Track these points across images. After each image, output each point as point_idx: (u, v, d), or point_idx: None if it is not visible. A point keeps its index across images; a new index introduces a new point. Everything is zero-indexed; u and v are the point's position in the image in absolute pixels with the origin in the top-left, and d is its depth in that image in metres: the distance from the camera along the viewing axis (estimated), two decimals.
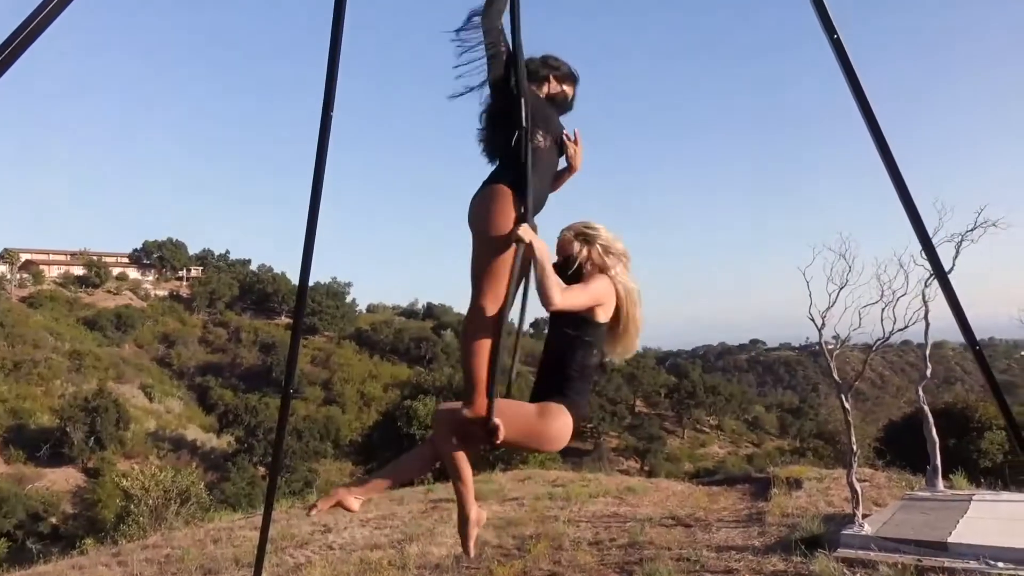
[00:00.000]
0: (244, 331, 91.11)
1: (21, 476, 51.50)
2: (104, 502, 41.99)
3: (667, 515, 10.33)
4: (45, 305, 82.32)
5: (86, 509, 46.57)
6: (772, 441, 79.59)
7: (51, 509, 47.73)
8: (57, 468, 54.84)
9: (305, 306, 5.33)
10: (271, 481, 5.31)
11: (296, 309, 5.32)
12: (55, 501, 48.80)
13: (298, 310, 5.23)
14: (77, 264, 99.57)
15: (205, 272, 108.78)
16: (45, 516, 46.69)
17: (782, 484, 12.00)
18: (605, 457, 59.14)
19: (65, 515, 48.04)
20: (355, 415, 69.61)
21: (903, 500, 9.50)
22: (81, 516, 45.48)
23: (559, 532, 9.30)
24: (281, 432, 4.71)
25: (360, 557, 8.66)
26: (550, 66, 3.75)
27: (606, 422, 72.42)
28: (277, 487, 5.59)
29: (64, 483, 53.71)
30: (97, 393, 59.07)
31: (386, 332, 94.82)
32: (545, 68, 3.73)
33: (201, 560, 9.26)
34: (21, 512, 44.07)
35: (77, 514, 47.42)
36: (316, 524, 11.02)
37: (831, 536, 7.98)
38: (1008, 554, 6.86)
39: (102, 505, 41.92)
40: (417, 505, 12.35)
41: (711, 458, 69.97)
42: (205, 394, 77.93)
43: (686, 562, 7.78)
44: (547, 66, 3.74)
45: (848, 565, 7.16)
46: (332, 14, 4.11)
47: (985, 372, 4.21)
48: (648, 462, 62.44)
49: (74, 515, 47.63)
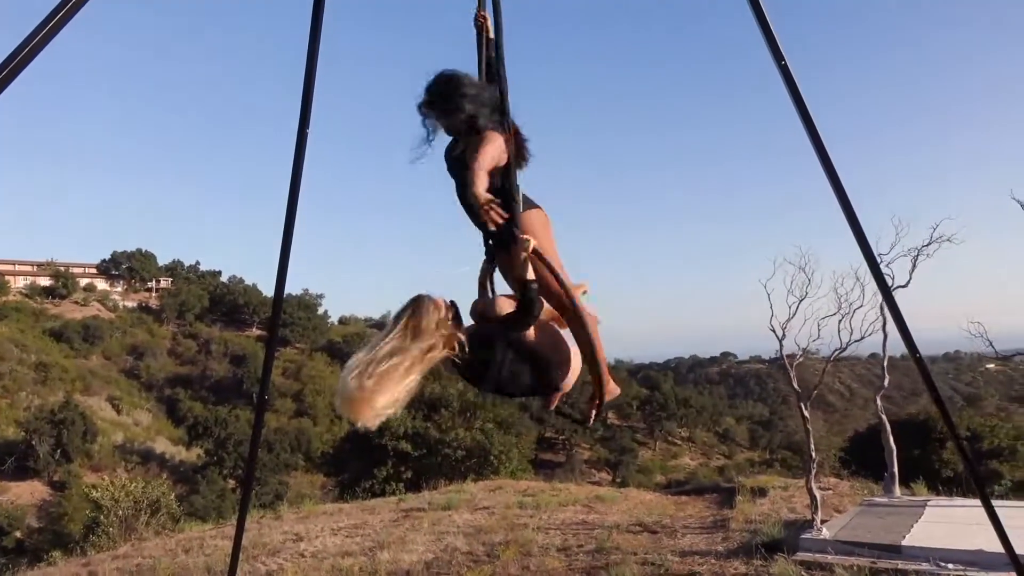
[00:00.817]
0: (214, 343, 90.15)
1: None
2: (71, 515, 41.36)
3: (634, 522, 10.54)
4: (10, 316, 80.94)
5: (52, 523, 45.80)
6: (743, 453, 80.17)
7: (16, 523, 46.87)
8: (22, 481, 53.89)
9: (280, 318, 5.47)
10: (247, 475, 5.42)
11: (271, 321, 5.45)
12: (20, 515, 47.91)
13: (273, 322, 5.37)
14: (44, 275, 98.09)
15: (175, 283, 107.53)
16: (9, 530, 45.84)
17: (747, 493, 12.27)
18: (577, 469, 59.30)
19: (30, 529, 47.21)
20: (326, 427, 69.10)
21: (861, 506, 9.80)
22: (47, 530, 44.70)
23: (528, 539, 9.47)
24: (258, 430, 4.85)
25: (332, 564, 8.77)
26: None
27: (578, 434, 72.62)
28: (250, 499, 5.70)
29: (29, 496, 52.83)
30: (63, 405, 58.17)
31: (358, 344, 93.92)
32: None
33: (173, 569, 9.32)
34: None
35: (43, 528, 46.61)
36: (288, 533, 11.11)
37: (791, 540, 8.24)
38: (958, 556, 7.15)
39: (68, 519, 41.28)
40: (389, 514, 12.46)
41: (682, 469, 70.30)
42: (174, 406, 76.98)
43: (651, 566, 8.00)
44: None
45: (806, 568, 7.42)
46: (309, 27, 4.23)
47: (927, 380, 4.44)
48: (620, 474, 62.65)
49: (39, 529, 46.80)
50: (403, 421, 21.78)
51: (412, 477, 20.71)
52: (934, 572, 6.91)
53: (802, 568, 7.38)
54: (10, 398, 64.37)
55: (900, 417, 28.06)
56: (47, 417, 55.67)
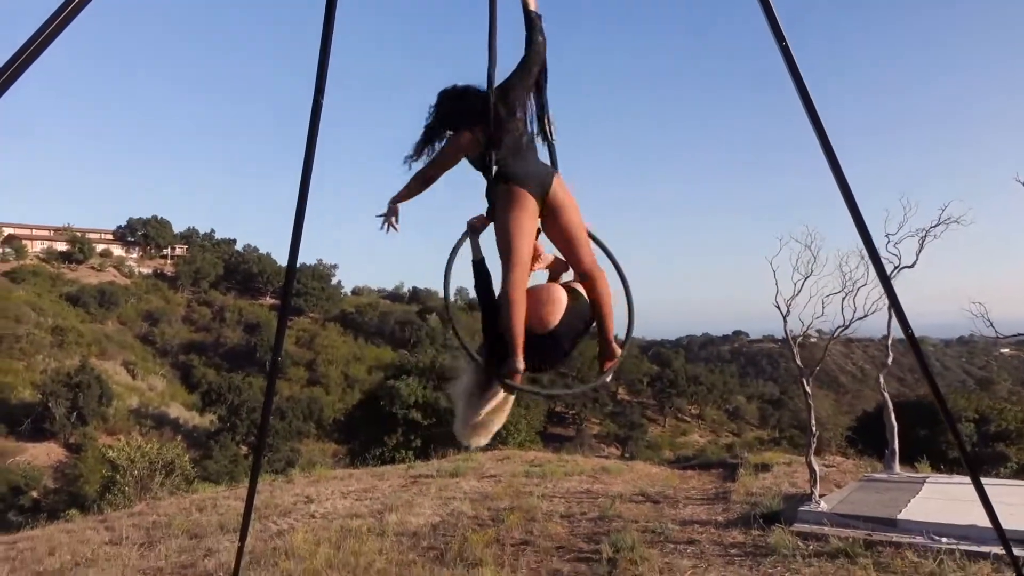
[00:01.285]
0: (228, 311, 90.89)
1: (2, 450, 51.40)
2: (86, 477, 42.11)
3: (637, 492, 10.74)
4: (28, 280, 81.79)
5: (68, 484, 46.65)
6: (752, 431, 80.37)
7: (32, 483, 47.71)
8: (39, 443, 54.79)
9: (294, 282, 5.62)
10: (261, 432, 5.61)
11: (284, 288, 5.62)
12: (36, 475, 48.78)
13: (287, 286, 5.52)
14: (60, 240, 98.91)
15: (190, 251, 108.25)
16: (26, 490, 46.71)
17: (751, 468, 12.43)
18: (586, 443, 59.71)
19: (46, 489, 48.06)
20: (339, 396, 69.81)
21: (861, 481, 9.95)
22: (63, 491, 45.54)
23: (532, 505, 9.68)
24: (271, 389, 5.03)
25: (341, 525, 9.02)
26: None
27: (588, 408, 73.04)
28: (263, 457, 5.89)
29: (46, 457, 53.71)
30: (80, 369, 58.96)
31: (371, 315, 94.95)
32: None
33: (187, 526, 9.59)
34: (2, 485, 44.10)
35: (59, 488, 47.49)
36: (299, 495, 11.38)
37: (789, 512, 8.41)
38: (951, 530, 7.29)
39: (84, 480, 42.02)
40: (398, 480, 12.71)
41: (691, 446, 70.58)
42: (188, 372, 77.89)
43: (651, 534, 8.19)
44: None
45: (802, 538, 7.60)
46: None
47: (917, 355, 4.57)
48: (628, 449, 63.06)
49: (55, 490, 47.69)
50: (414, 391, 22.06)
51: (421, 445, 21.00)
52: (927, 545, 7.06)
53: (798, 538, 7.55)
54: (27, 360, 65.21)
55: (909, 398, 28.13)
56: (63, 380, 56.50)
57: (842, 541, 7.24)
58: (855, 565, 6.73)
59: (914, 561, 6.72)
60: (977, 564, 6.57)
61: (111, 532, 9.78)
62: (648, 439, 70.53)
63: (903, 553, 6.91)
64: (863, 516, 7.91)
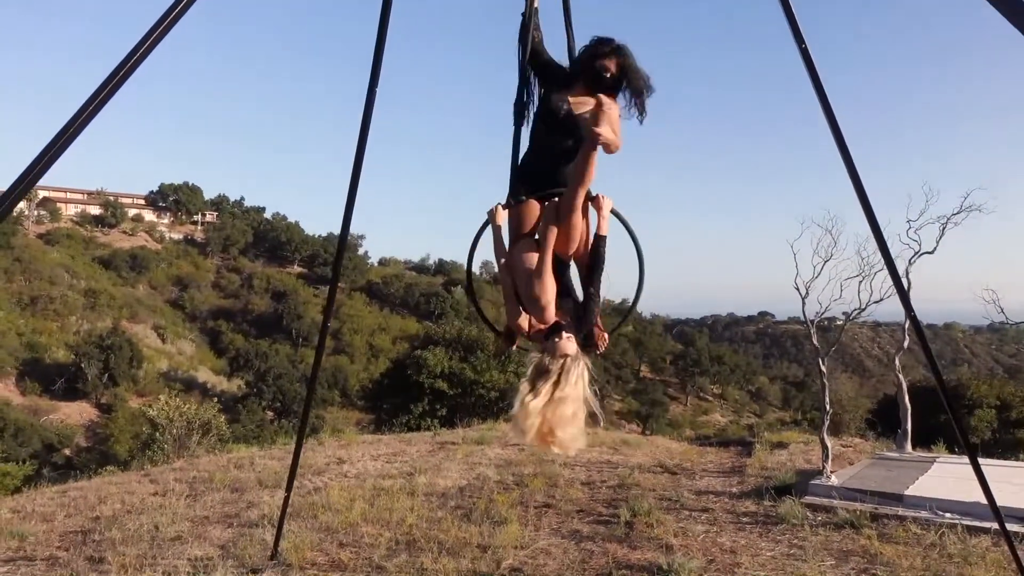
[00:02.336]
0: (256, 278, 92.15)
1: (36, 408, 52.85)
2: (117, 437, 43.30)
3: (656, 464, 11.15)
4: (61, 242, 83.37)
5: (99, 443, 47.96)
6: (774, 412, 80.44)
7: (65, 441, 49.03)
8: (71, 402, 56.24)
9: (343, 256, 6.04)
10: (309, 390, 6.06)
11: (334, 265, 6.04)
12: (69, 434, 50.12)
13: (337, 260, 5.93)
14: (94, 203, 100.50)
15: (220, 217, 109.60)
16: (59, 447, 48.03)
17: (768, 445, 12.78)
18: (608, 420, 60.18)
19: (79, 448, 49.42)
20: (363, 366, 70.77)
21: (872, 459, 10.29)
22: (94, 449, 46.82)
23: (555, 472, 10.13)
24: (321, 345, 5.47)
25: (373, 484, 9.51)
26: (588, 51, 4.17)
27: (610, 385, 73.54)
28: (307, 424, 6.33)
29: (78, 416, 55.14)
30: (111, 331, 60.33)
31: (397, 286, 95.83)
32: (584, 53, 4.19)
33: (227, 481, 10.14)
34: (37, 442, 45.33)
35: (90, 447, 48.82)
36: (331, 457, 11.91)
37: (801, 486, 8.78)
38: (956, 506, 7.63)
39: (114, 440, 43.22)
40: (425, 446, 13.19)
41: (712, 426, 70.90)
42: (217, 338, 79.22)
43: (667, 501, 8.61)
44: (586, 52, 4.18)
45: (811, 510, 7.97)
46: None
47: (919, 334, 4.89)
48: (650, 426, 63.54)
49: (87, 448, 49.02)
50: (440, 361, 22.58)
51: (447, 415, 21.53)
52: (931, 519, 7.40)
53: (807, 510, 7.93)
54: (61, 322, 66.68)
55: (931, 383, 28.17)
56: (96, 342, 57.84)
57: (849, 513, 7.60)
58: (860, 535, 7.09)
59: (917, 533, 7.07)
60: (977, 538, 6.90)
61: (155, 485, 10.34)
62: (669, 417, 70.96)
63: (907, 525, 7.26)
64: (871, 491, 8.26)
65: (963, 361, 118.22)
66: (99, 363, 56.51)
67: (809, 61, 4.16)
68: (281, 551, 6.63)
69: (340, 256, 5.82)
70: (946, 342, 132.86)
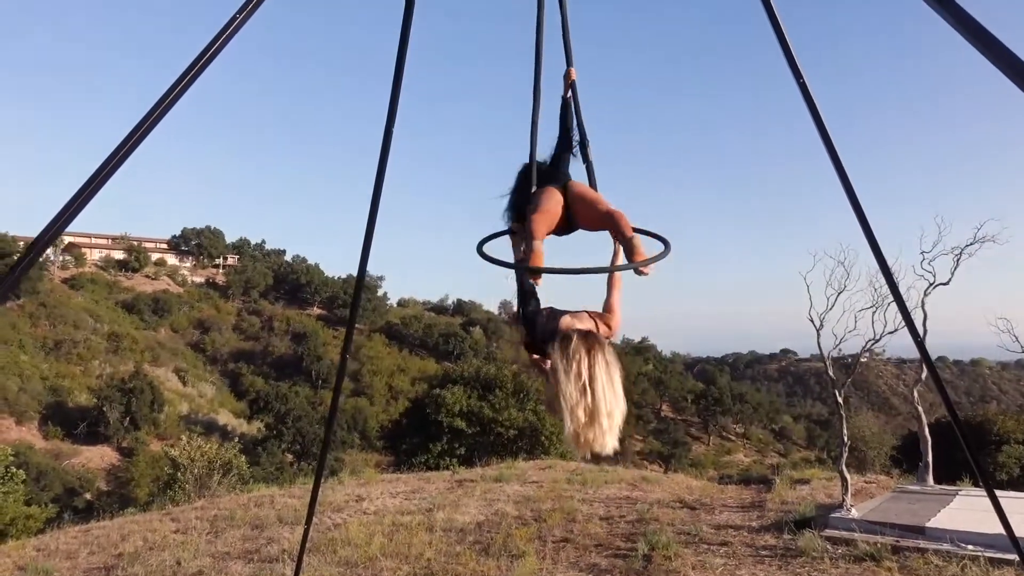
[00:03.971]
0: (277, 320, 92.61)
1: (59, 452, 53.03)
2: (137, 481, 43.41)
3: (675, 499, 11.11)
4: (86, 287, 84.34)
5: (119, 487, 48.01)
6: (800, 452, 79.22)
7: (86, 485, 49.12)
8: (93, 446, 56.42)
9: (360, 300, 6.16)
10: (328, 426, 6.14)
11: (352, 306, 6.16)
12: (91, 478, 50.25)
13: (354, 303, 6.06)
14: (118, 248, 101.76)
15: (241, 261, 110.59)
16: (81, 491, 48.14)
17: (789, 481, 12.70)
18: (629, 460, 59.61)
19: (99, 492, 49.49)
20: (383, 407, 70.64)
21: (893, 492, 10.20)
22: (115, 493, 46.89)
23: (573, 508, 10.12)
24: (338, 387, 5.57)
25: (392, 520, 9.55)
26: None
27: (631, 425, 72.82)
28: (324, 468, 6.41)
29: (99, 460, 55.28)
30: (133, 375, 60.69)
31: (415, 327, 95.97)
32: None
33: (248, 518, 10.20)
34: (58, 486, 45.44)
35: (111, 491, 48.90)
36: (350, 495, 11.95)
37: (820, 519, 8.73)
38: (978, 538, 7.57)
39: (135, 484, 43.32)
40: (443, 484, 13.21)
41: (736, 466, 69.91)
42: (237, 380, 79.42)
43: (686, 535, 8.58)
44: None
45: (831, 543, 7.92)
46: (399, 35, 4.81)
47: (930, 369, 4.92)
48: (672, 467, 62.83)
49: (108, 492, 49.10)
50: (459, 399, 22.61)
51: (465, 454, 21.50)
52: (953, 552, 7.34)
53: (828, 543, 7.88)
54: (84, 366, 67.23)
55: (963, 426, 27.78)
56: (118, 385, 58.19)
57: (870, 545, 7.56)
58: (880, 567, 7.05)
59: (938, 565, 7.02)
60: (1001, 570, 6.84)
61: (177, 523, 10.42)
62: (692, 457, 70.09)
63: (928, 558, 7.21)
64: (892, 523, 8.20)
65: (991, 398, 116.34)
66: (121, 407, 56.76)
67: (808, 96, 4.25)
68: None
69: (358, 296, 5.93)
70: (973, 379, 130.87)
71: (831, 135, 4.28)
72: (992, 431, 25.35)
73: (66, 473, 48.58)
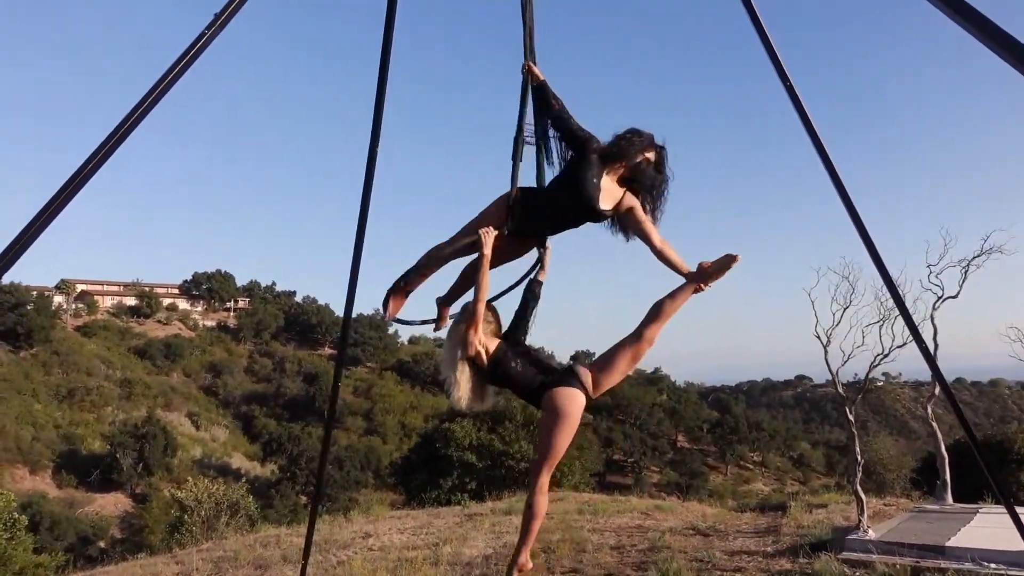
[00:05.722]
0: (288, 361, 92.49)
1: (72, 500, 52.87)
2: (151, 527, 43.13)
3: (688, 527, 10.86)
4: (98, 334, 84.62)
5: (133, 534, 47.70)
6: (819, 479, 78.06)
7: (100, 533, 48.85)
8: (107, 493, 56.24)
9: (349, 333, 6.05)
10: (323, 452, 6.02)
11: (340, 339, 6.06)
12: (104, 525, 49.99)
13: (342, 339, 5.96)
14: (130, 295, 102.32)
15: (252, 303, 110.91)
16: (95, 539, 47.85)
17: (804, 505, 12.43)
18: (646, 492, 58.93)
19: (113, 539, 49.18)
20: (396, 445, 70.21)
21: (911, 512, 9.94)
22: (129, 540, 46.53)
23: (583, 538, 9.90)
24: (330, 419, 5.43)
25: (397, 556, 9.35)
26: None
27: (647, 456, 72.21)
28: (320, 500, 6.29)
29: (113, 508, 55.06)
30: (146, 420, 60.62)
31: (427, 364, 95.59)
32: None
33: (252, 558, 10.02)
34: (72, 535, 45.21)
35: (125, 539, 48.57)
36: (357, 532, 11.75)
37: (837, 542, 8.48)
38: (1001, 556, 7.32)
39: (149, 530, 43.04)
40: (453, 519, 13.00)
41: (755, 495, 68.77)
42: (250, 423, 79.18)
43: (699, 563, 8.35)
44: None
45: (849, 565, 7.68)
46: (380, 54, 4.76)
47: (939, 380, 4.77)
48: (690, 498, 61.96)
49: (122, 540, 48.77)
50: (468, 433, 22.40)
51: (476, 487, 21.24)
52: (975, 571, 7.10)
53: (845, 566, 7.64)
54: (97, 412, 67.28)
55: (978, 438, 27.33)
56: (131, 431, 58.14)
57: (888, 567, 7.32)
58: None
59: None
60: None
61: (181, 565, 10.25)
62: (709, 487, 69.20)
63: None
64: (911, 544, 7.95)
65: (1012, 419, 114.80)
66: (134, 452, 56.62)
67: (796, 100, 4.15)
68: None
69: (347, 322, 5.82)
70: (993, 400, 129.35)
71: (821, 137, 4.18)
72: (1013, 450, 24.89)
73: (79, 521, 48.31)
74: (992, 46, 2.46)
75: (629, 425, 77.96)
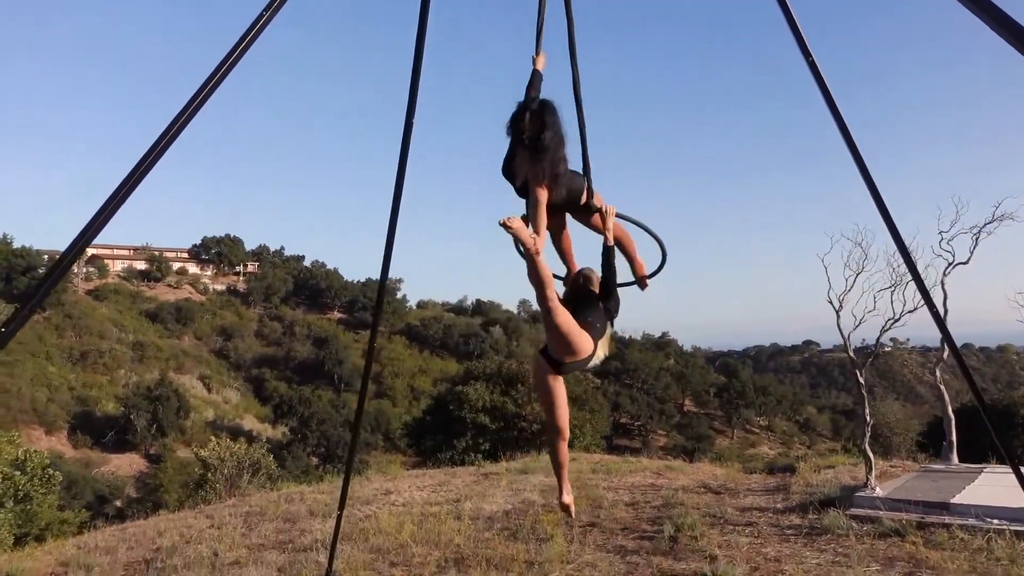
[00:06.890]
0: (298, 325, 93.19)
1: (88, 460, 53.75)
2: (165, 486, 43.94)
3: (700, 485, 11.20)
4: (110, 298, 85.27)
5: (148, 493, 48.56)
6: (825, 443, 78.57)
7: (116, 492, 49.69)
8: (121, 454, 57.16)
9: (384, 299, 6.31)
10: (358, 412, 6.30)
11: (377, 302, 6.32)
12: (120, 485, 50.85)
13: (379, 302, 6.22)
14: (140, 259, 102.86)
15: (261, 267, 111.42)
16: (111, 499, 48.70)
17: (814, 465, 12.73)
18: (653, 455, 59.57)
19: (129, 499, 50.09)
20: (405, 408, 70.95)
21: (918, 471, 10.24)
22: (144, 500, 47.40)
23: (599, 495, 10.25)
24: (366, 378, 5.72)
25: (420, 511, 9.71)
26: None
27: (654, 420, 72.88)
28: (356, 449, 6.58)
29: (128, 468, 55.99)
30: (159, 383, 61.37)
31: (436, 328, 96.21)
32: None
33: (280, 512, 10.40)
34: (89, 494, 46.02)
35: (140, 498, 49.46)
36: (378, 489, 12.13)
37: (845, 499, 8.80)
38: (1004, 512, 7.61)
39: (164, 490, 43.84)
40: (469, 477, 13.35)
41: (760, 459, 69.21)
42: (261, 386, 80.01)
43: (712, 517, 8.68)
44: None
45: (856, 520, 7.99)
46: (417, 24, 4.93)
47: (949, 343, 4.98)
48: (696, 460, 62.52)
49: (138, 499, 49.65)
50: (481, 395, 22.76)
51: (489, 449, 21.64)
52: (978, 526, 7.39)
53: (852, 521, 7.96)
54: (110, 375, 68.04)
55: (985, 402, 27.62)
56: (144, 394, 58.91)
57: (895, 522, 7.62)
58: (905, 542, 7.12)
59: (963, 539, 7.08)
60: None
61: (211, 519, 10.63)
62: (716, 451, 69.80)
63: (953, 532, 7.27)
64: (917, 500, 8.25)
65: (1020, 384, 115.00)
66: (147, 414, 57.43)
67: (818, 74, 4.32)
68: (335, 570, 6.84)
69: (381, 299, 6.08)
70: (1001, 365, 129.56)
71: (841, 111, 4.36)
72: (1019, 414, 25.22)
73: (96, 481, 49.19)
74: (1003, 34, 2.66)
75: (636, 389, 78.58)
